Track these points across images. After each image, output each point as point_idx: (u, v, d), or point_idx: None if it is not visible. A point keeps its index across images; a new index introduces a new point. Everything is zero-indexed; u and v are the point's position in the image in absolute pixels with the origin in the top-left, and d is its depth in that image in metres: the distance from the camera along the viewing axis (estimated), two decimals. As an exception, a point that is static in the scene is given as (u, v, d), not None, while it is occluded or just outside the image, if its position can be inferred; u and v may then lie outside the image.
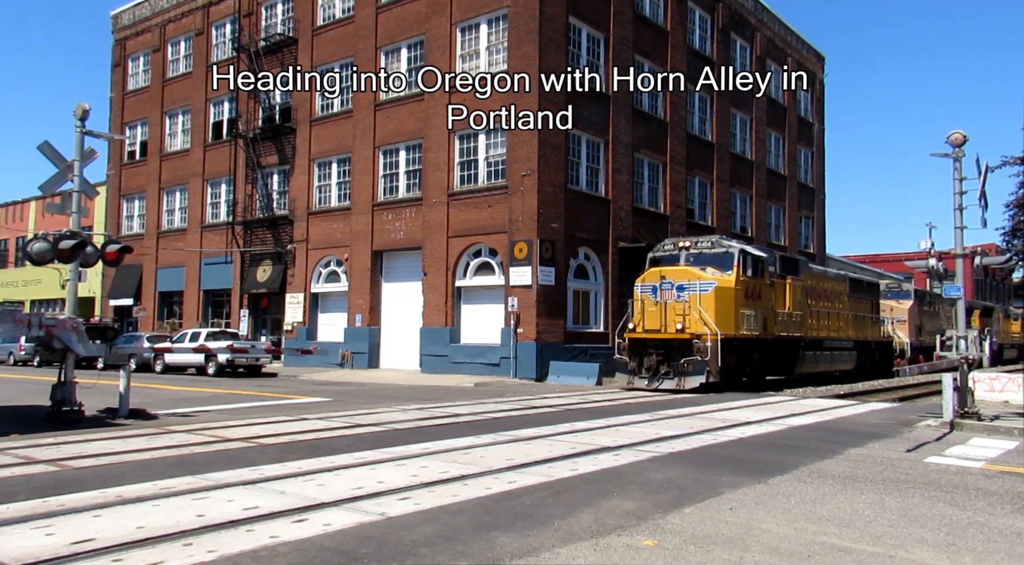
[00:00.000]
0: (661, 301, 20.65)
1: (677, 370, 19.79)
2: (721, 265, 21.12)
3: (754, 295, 21.68)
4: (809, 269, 26.31)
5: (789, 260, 25.18)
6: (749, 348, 21.50)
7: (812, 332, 25.08)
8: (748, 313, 21.23)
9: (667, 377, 20.05)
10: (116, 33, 43.72)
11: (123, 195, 42.63)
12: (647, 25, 31.78)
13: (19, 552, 4.83)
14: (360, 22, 31.71)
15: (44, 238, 12.60)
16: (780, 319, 22.89)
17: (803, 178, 45.44)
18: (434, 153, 28.51)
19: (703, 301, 20.05)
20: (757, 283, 21.96)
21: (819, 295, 26.21)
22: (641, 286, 21.45)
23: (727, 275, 20.88)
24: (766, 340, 22.26)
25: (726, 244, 21.77)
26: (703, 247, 21.82)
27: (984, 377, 18.45)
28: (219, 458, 8.57)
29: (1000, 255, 44.39)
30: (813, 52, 47.40)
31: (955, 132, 13.76)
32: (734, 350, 20.53)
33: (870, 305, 30.81)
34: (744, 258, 21.48)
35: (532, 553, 4.99)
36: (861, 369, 28.66)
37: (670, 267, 21.44)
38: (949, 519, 6.21)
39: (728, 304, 20.43)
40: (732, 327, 20.42)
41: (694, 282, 20.37)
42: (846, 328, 27.94)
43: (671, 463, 8.50)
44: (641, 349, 20.82)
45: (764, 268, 22.40)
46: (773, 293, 22.76)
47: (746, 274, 21.38)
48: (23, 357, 34.10)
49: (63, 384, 12.58)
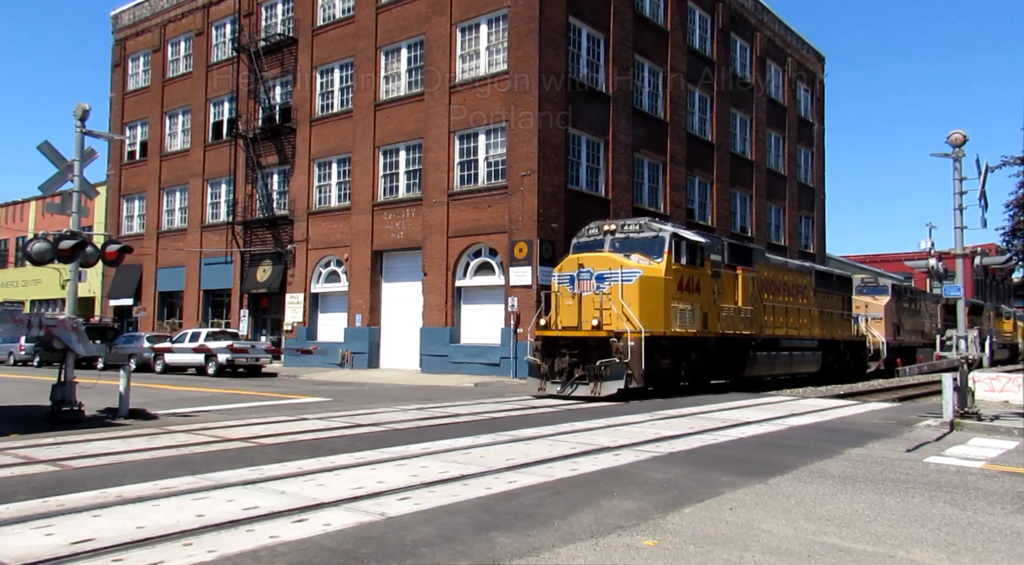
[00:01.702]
0: (578, 293, 17.77)
1: (592, 374, 16.83)
2: (650, 251, 18.41)
3: (691, 287, 19.05)
4: (765, 260, 23.68)
5: (740, 249, 22.45)
6: (684, 348, 18.96)
7: (767, 330, 22.53)
8: (682, 307, 18.60)
9: (582, 382, 17.01)
10: (116, 33, 43.72)
11: (123, 195, 42.63)
12: (647, 25, 31.78)
13: (19, 552, 4.83)
14: (360, 22, 31.71)
15: (44, 238, 12.60)
16: (725, 315, 20.34)
17: (803, 178, 45.44)
18: (434, 153, 28.51)
19: (625, 293, 17.25)
20: (695, 273, 19.26)
21: (778, 289, 23.69)
22: (558, 276, 18.68)
23: (656, 263, 18.18)
24: (706, 339, 19.65)
25: (656, 227, 18.89)
26: (630, 230, 18.97)
27: (984, 377, 18.45)
28: (219, 458, 8.57)
29: (1000, 255, 44.41)
30: (813, 52, 47.40)
31: (955, 132, 13.75)
32: (664, 350, 18.02)
33: (841, 301, 28.42)
34: (677, 244, 18.71)
35: (532, 553, 4.99)
36: (828, 371, 26.42)
37: (590, 254, 18.52)
38: (949, 519, 6.20)
39: (656, 296, 17.76)
40: (661, 323, 17.84)
41: (615, 271, 17.50)
42: (810, 326, 25.51)
43: (671, 463, 8.50)
44: (554, 349, 17.70)
45: (704, 256, 19.77)
46: (717, 285, 20.17)
47: (680, 262, 18.71)
48: (23, 357, 34.11)
49: (63, 384, 12.58)
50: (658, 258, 18.28)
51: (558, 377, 17.43)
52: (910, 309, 35.36)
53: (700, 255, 19.61)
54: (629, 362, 16.67)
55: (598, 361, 16.73)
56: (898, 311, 33.44)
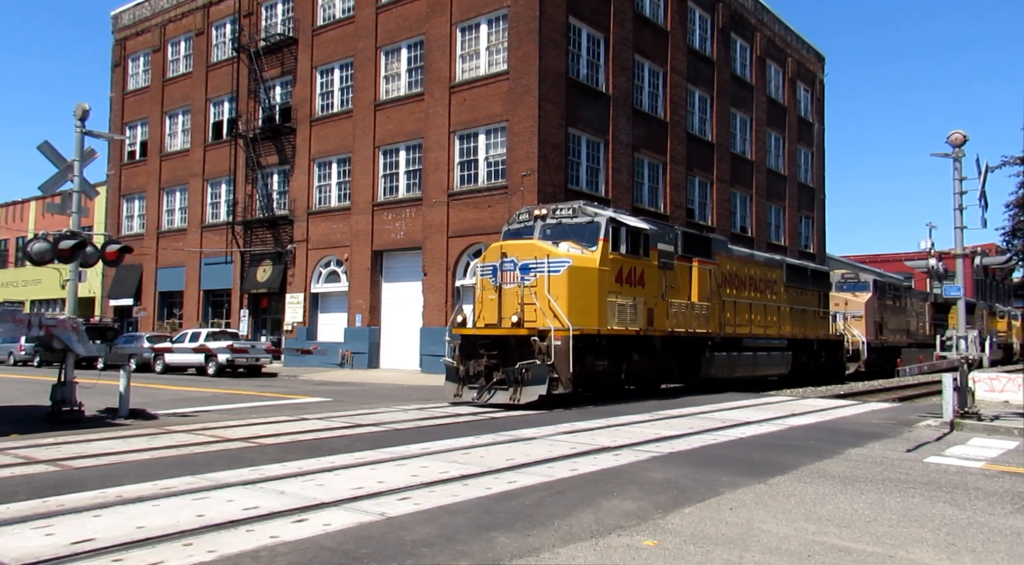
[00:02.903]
0: (500, 286, 15.73)
1: (512, 377, 14.70)
2: (584, 239, 16.37)
3: (632, 279, 17.03)
4: (728, 251, 21.63)
5: (696, 239, 20.25)
6: (625, 348, 16.95)
7: (728, 328, 20.62)
8: (622, 302, 16.56)
9: (501, 387, 14.88)
10: (116, 33, 43.73)
11: (123, 195, 42.64)
12: (647, 25, 31.79)
13: (19, 552, 4.83)
14: (360, 22, 31.71)
15: (44, 238, 12.60)
16: (676, 311, 18.35)
17: (803, 178, 45.45)
18: (434, 153, 28.52)
19: (553, 286, 15.19)
20: (638, 264, 17.22)
21: (743, 283, 21.71)
22: (480, 267, 16.62)
23: (589, 252, 16.10)
24: (652, 337, 17.62)
25: (591, 211, 16.80)
26: (563, 215, 16.91)
27: (984, 377, 18.45)
28: (219, 458, 8.57)
29: (1000, 255, 44.35)
30: (813, 52, 47.41)
31: (955, 132, 13.75)
32: (600, 351, 16.11)
33: (816, 297, 26.31)
34: (615, 230, 16.63)
35: (532, 553, 4.99)
36: (800, 373, 24.35)
37: (514, 242, 16.54)
38: (949, 519, 6.20)
39: (588, 290, 15.73)
40: (595, 320, 15.81)
41: (541, 261, 15.40)
42: (780, 324, 23.51)
43: (671, 463, 8.50)
44: (473, 350, 15.53)
45: (650, 245, 17.69)
46: (667, 278, 18.21)
47: (619, 251, 16.64)
48: (23, 357, 34.10)
49: (63, 384, 12.58)
50: (593, 246, 16.18)
51: (475, 381, 15.30)
52: (894, 307, 33.69)
53: (644, 243, 17.52)
54: (555, 364, 14.63)
55: (518, 363, 14.65)
56: (880, 309, 31.80)
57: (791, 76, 43.86)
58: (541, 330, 14.85)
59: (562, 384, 14.81)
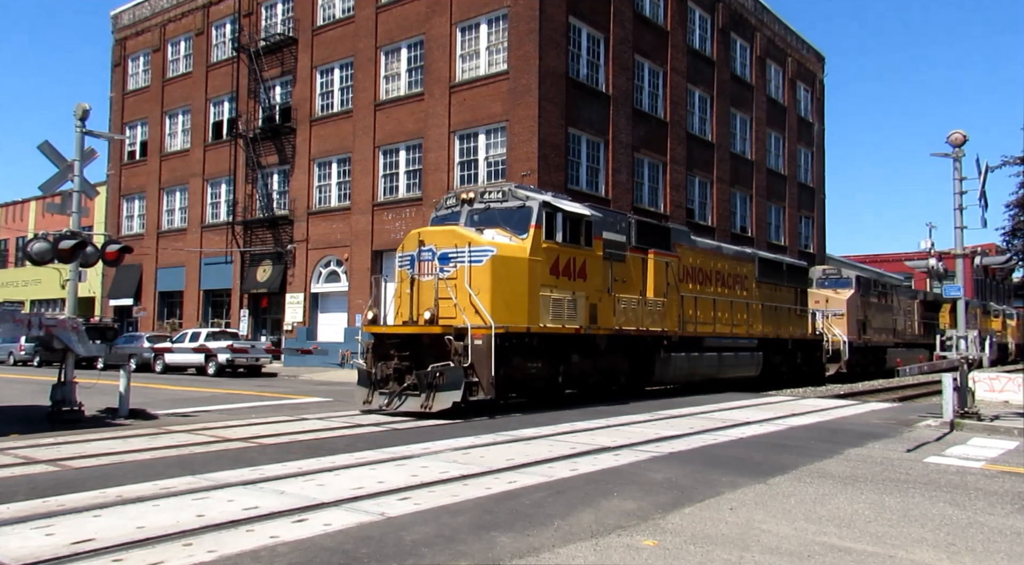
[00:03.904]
0: (417, 278, 14.07)
1: (424, 382, 12.88)
2: (516, 225, 14.61)
3: (571, 271, 15.33)
4: (691, 243, 19.96)
5: (653, 229, 18.55)
6: (562, 348, 15.28)
7: (689, 326, 18.99)
8: (558, 297, 14.87)
9: (412, 392, 13.08)
10: (116, 33, 43.73)
11: (123, 195, 42.64)
12: (647, 25, 31.79)
13: (19, 552, 4.83)
14: (360, 22, 31.72)
15: (44, 238, 12.60)
16: (624, 307, 16.67)
17: (803, 178, 45.46)
18: (434, 153, 28.52)
19: (474, 277, 13.47)
20: (578, 254, 15.50)
21: (707, 278, 20.19)
22: (399, 258, 14.83)
23: (519, 240, 14.38)
24: (595, 337, 15.95)
25: (522, 195, 14.94)
26: (491, 199, 15.17)
27: (984, 377, 18.45)
28: (219, 458, 8.57)
29: (1000, 255, 44.33)
30: (813, 52, 47.41)
31: (955, 132, 13.76)
32: (531, 351, 14.46)
33: (793, 294, 24.74)
34: (550, 216, 14.82)
35: (532, 553, 4.99)
36: (772, 375, 22.83)
37: (433, 228, 14.97)
38: (949, 519, 6.20)
39: (517, 282, 14.02)
40: (524, 316, 14.09)
41: (462, 249, 13.68)
42: (750, 322, 21.81)
43: (671, 463, 8.50)
44: (385, 351, 13.85)
45: (593, 234, 15.94)
46: (613, 271, 16.49)
47: (555, 240, 14.90)
48: (23, 357, 34.10)
49: (63, 384, 12.57)
50: (524, 234, 14.46)
51: (386, 386, 13.53)
52: (879, 304, 31.98)
53: (586, 232, 15.78)
54: (474, 366, 13.03)
55: (430, 366, 12.87)
56: (864, 306, 30.12)
57: (791, 76, 43.86)
58: (459, 328, 13.20)
59: (483, 389, 13.12)
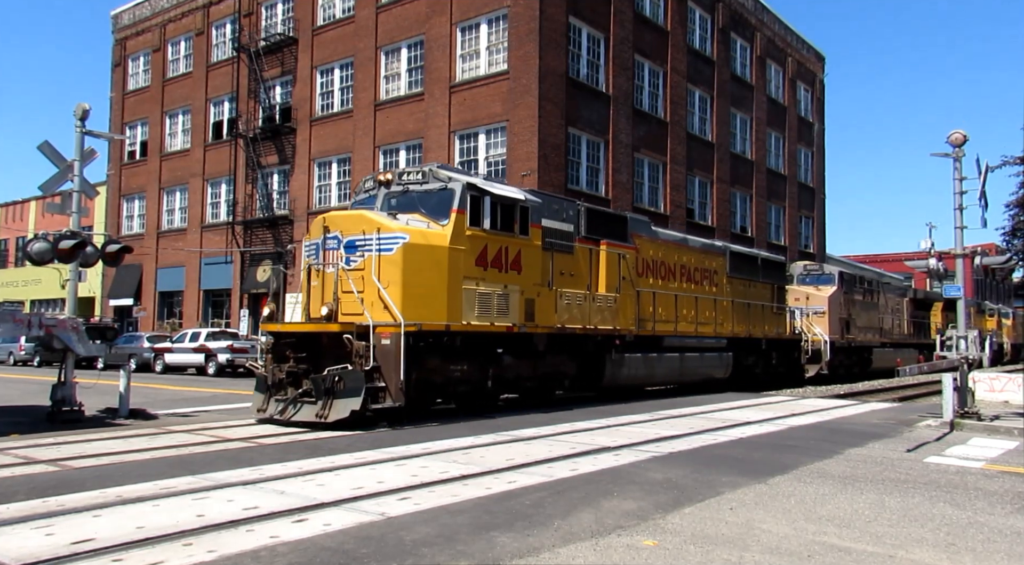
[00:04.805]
0: (322, 269, 12.60)
1: (319, 387, 11.37)
2: (435, 210, 12.97)
3: (503, 262, 13.63)
4: (652, 234, 18.48)
5: (607, 218, 17.15)
6: (492, 349, 13.66)
7: (647, 324, 17.46)
8: (486, 290, 13.18)
9: (308, 399, 11.55)
10: (116, 33, 43.73)
11: (123, 195, 42.64)
12: (647, 25, 31.80)
13: (19, 552, 4.83)
14: (360, 22, 31.73)
15: (44, 238, 12.60)
16: (568, 303, 15.08)
17: (803, 178, 45.46)
18: (434, 153, 28.52)
19: (383, 268, 11.93)
20: (511, 243, 13.77)
21: (670, 273, 18.72)
22: (306, 247, 13.48)
23: (438, 227, 12.73)
24: (532, 335, 14.25)
25: (444, 176, 13.28)
26: (411, 181, 13.53)
27: (984, 377, 18.46)
28: (219, 458, 8.57)
29: (1000, 255, 44.36)
30: (813, 52, 47.42)
31: (955, 132, 13.77)
32: (453, 352, 12.84)
33: (770, 291, 23.14)
34: (476, 200, 13.10)
35: (532, 553, 4.99)
36: (744, 376, 21.25)
37: (340, 212, 13.67)
38: (949, 519, 6.20)
39: (433, 274, 12.42)
40: (443, 312, 12.46)
41: (370, 236, 12.08)
42: (719, 320, 20.26)
43: (671, 463, 8.50)
44: (282, 352, 12.34)
45: (530, 221, 14.21)
46: (556, 263, 14.89)
47: (481, 226, 13.15)
48: (23, 357, 34.09)
49: (63, 384, 12.58)
50: (445, 219, 12.84)
51: (282, 392, 11.98)
52: (864, 302, 30.37)
53: (522, 219, 14.08)
54: (380, 369, 11.53)
55: (326, 369, 11.36)
56: (847, 304, 28.50)
57: (791, 76, 43.86)
58: (361, 326, 11.64)
59: (390, 395, 11.58)
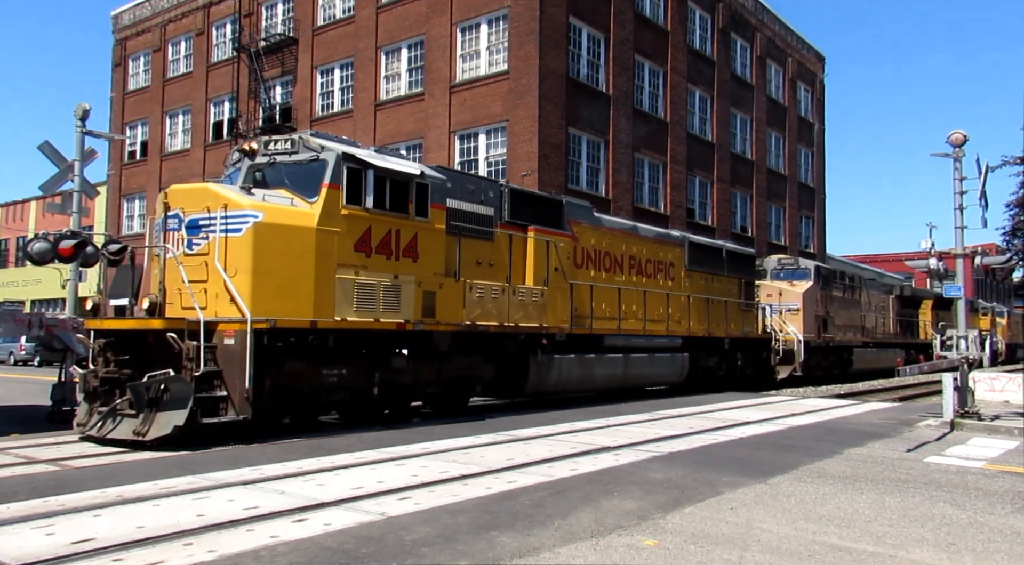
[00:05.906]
0: (160, 254, 10.59)
1: (143, 397, 9.40)
2: (305, 185, 11.07)
3: (392, 248, 11.70)
4: (594, 221, 16.75)
5: (536, 201, 15.26)
6: (380, 350, 11.94)
7: (584, 321, 15.71)
8: (369, 281, 11.29)
9: (128, 412, 9.66)
10: (116, 33, 43.72)
11: (123, 195, 42.63)
12: (647, 25, 31.79)
13: (19, 552, 4.83)
14: (360, 22, 31.72)
15: (44, 238, 12.61)
16: (480, 297, 13.19)
17: (803, 178, 45.45)
18: (434, 153, 28.50)
19: (231, 252, 10.13)
20: (404, 226, 11.85)
21: (616, 264, 17.01)
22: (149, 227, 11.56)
23: (305, 204, 10.87)
24: (432, 334, 12.48)
25: (316, 144, 11.28)
26: (278, 151, 11.48)
27: (984, 377, 18.46)
28: (219, 458, 8.57)
29: (1000, 255, 44.35)
30: (813, 52, 47.41)
31: (955, 132, 13.77)
32: (327, 354, 11.11)
33: (737, 286, 21.45)
34: (354, 173, 11.19)
35: (532, 553, 4.99)
36: (703, 379, 19.61)
37: (182, 186, 11.70)
38: (950, 519, 6.20)
39: (296, 260, 10.55)
40: (309, 306, 10.63)
41: (214, 215, 10.23)
42: (674, 317, 18.48)
43: (671, 463, 8.50)
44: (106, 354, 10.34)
45: (429, 200, 12.19)
46: (465, 250, 13.04)
47: (361, 205, 11.25)
48: (23, 357, 34.10)
49: (63, 384, 12.59)
50: (315, 196, 10.91)
51: (102, 401, 10.12)
52: (844, 299, 28.52)
53: (418, 198, 12.02)
54: (223, 374, 9.75)
55: (147, 376, 9.44)
56: (824, 301, 26.70)
57: (791, 76, 43.85)
58: (191, 322, 9.66)
59: (234, 406, 9.71)
